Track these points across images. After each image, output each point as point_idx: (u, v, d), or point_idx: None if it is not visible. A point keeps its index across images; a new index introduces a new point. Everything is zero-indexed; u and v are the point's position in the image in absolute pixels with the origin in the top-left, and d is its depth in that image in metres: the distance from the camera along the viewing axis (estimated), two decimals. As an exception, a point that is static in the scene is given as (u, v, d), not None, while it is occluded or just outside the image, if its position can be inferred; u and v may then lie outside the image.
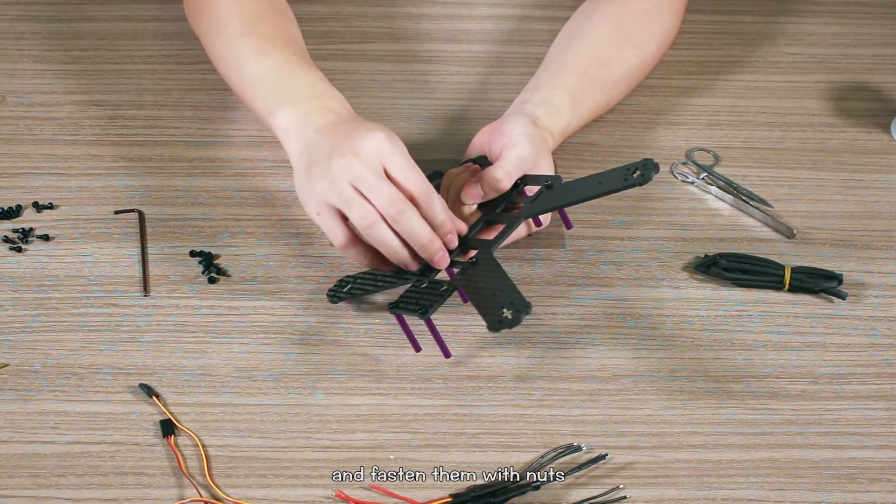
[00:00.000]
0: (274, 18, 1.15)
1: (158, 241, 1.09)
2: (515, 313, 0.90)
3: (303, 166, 1.01)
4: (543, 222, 1.06)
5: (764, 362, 1.01)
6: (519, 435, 0.96)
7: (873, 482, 0.94)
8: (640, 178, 0.95)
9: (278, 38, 1.12)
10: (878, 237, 1.12)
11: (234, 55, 1.13)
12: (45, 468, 0.92)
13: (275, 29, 1.13)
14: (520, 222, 1.01)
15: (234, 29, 1.13)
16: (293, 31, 1.16)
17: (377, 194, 0.95)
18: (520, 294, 0.92)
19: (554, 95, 1.11)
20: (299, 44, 1.14)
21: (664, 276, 1.08)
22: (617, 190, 0.96)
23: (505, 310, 0.91)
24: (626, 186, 0.96)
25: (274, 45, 1.11)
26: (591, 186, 0.99)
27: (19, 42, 1.29)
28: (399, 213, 0.95)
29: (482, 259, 0.98)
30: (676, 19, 1.23)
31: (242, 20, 1.13)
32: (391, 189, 0.95)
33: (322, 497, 0.92)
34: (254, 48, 1.11)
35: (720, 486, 0.93)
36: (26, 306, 1.03)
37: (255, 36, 1.12)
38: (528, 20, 1.34)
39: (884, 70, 1.31)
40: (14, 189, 1.13)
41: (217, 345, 1.01)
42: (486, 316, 0.92)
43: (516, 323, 0.90)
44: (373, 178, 0.95)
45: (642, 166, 0.95)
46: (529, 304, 0.91)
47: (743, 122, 1.23)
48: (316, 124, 1.02)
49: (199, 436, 0.95)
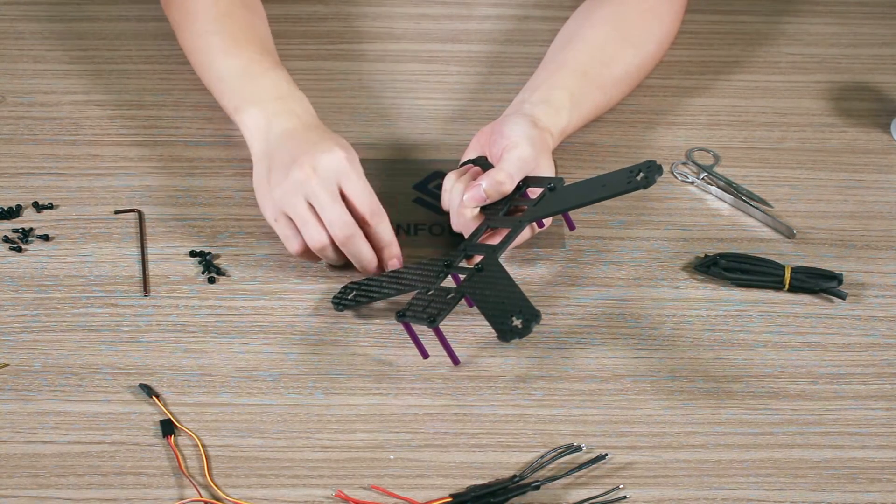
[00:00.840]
0: (243, 15, 1.16)
1: (158, 241, 1.09)
2: (525, 322, 0.91)
3: (262, 170, 1.04)
4: (546, 223, 1.06)
5: (764, 362, 1.01)
6: (519, 435, 0.96)
7: (873, 482, 0.94)
8: (643, 180, 0.95)
9: (246, 36, 1.14)
10: (878, 237, 1.12)
11: (202, 50, 1.15)
12: (45, 468, 0.92)
13: (243, 26, 1.15)
14: (524, 227, 1.01)
15: (202, 24, 1.15)
16: (262, 29, 1.17)
17: (329, 215, 1.00)
18: (528, 302, 0.92)
19: (553, 95, 1.11)
20: (267, 42, 1.16)
21: (664, 276, 1.08)
22: (621, 193, 0.97)
23: (514, 318, 0.91)
24: (629, 189, 0.96)
25: (241, 44, 1.13)
26: (594, 189, 0.99)
27: (19, 42, 1.29)
28: (347, 238, 1.01)
29: (488, 265, 0.98)
30: (676, 20, 1.23)
31: (211, 15, 1.15)
32: (343, 212, 1.00)
33: (322, 497, 0.91)
34: (221, 46, 1.13)
35: (720, 486, 0.93)
36: (26, 306, 1.03)
37: (223, 34, 1.14)
38: (528, 20, 1.34)
39: (884, 70, 1.31)
40: (14, 189, 1.13)
41: (217, 345, 1.01)
42: (496, 325, 0.92)
43: (527, 332, 0.91)
44: (327, 198, 1.00)
45: (645, 168, 0.95)
46: (539, 314, 0.91)
47: (743, 122, 1.23)
48: (279, 128, 1.06)
49: (199, 436, 0.95)
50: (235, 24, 1.15)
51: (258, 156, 1.06)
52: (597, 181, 1.00)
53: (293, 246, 1.03)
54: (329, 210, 1.00)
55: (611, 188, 0.97)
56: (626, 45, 1.18)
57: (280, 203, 1.02)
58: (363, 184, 1.02)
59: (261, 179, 1.04)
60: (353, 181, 1.01)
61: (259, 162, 1.05)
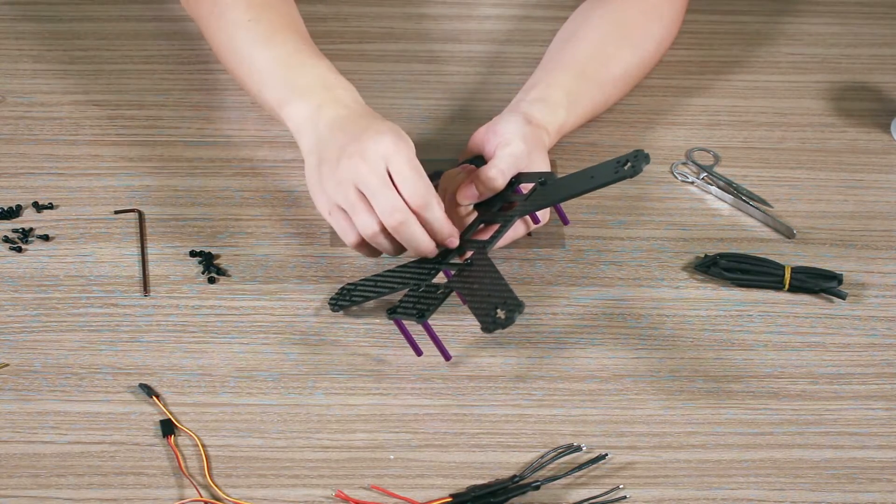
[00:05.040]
0: (280, 6, 1.13)
1: (158, 241, 1.09)
2: (508, 313, 0.90)
3: (313, 163, 1.01)
4: (542, 219, 1.05)
5: (764, 362, 1.01)
6: (519, 435, 0.96)
7: (873, 482, 0.94)
8: (630, 169, 0.95)
9: (284, 26, 1.11)
10: (878, 237, 1.12)
11: (239, 42, 1.11)
12: (45, 468, 0.92)
13: (282, 16, 1.12)
14: (514, 220, 1.01)
15: (239, 14, 1.12)
16: (298, 20, 1.14)
17: (379, 201, 0.96)
18: (512, 293, 0.92)
19: (549, 94, 1.11)
20: (305, 33, 1.13)
21: (664, 276, 1.08)
22: (609, 183, 0.96)
23: (498, 310, 0.91)
24: (617, 179, 0.95)
25: (282, 34, 1.10)
26: (583, 181, 0.99)
27: (19, 42, 1.29)
28: (398, 224, 0.96)
29: (477, 260, 0.98)
30: (677, 19, 1.23)
31: (248, 6, 1.12)
32: (393, 197, 0.96)
33: (322, 497, 0.92)
34: (261, 36, 1.10)
35: (720, 486, 0.93)
36: (26, 306, 1.03)
37: (260, 24, 1.10)
38: (529, 20, 1.34)
39: (884, 70, 1.31)
40: (14, 189, 1.13)
41: (217, 345, 1.01)
42: (480, 317, 0.92)
43: (509, 323, 0.90)
44: (376, 183, 0.96)
45: (633, 158, 0.95)
46: (522, 304, 0.91)
47: (743, 122, 1.23)
48: (327, 119, 1.02)
49: (199, 436, 0.95)
50: (272, 13, 1.11)
51: (307, 149, 1.03)
52: (585, 173, 1.00)
53: (349, 238, 1.00)
54: (378, 196, 0.96)
55: (599, 179, 0.97)
56: (624, 44, 1.18)
57: (332, 195, 0.99)
58: (409, 169, 0.97)
59: (312, 173, 1.01)
60: (400, 165, 0.97)
61: (309, 155, 1.02)
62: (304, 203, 1.12)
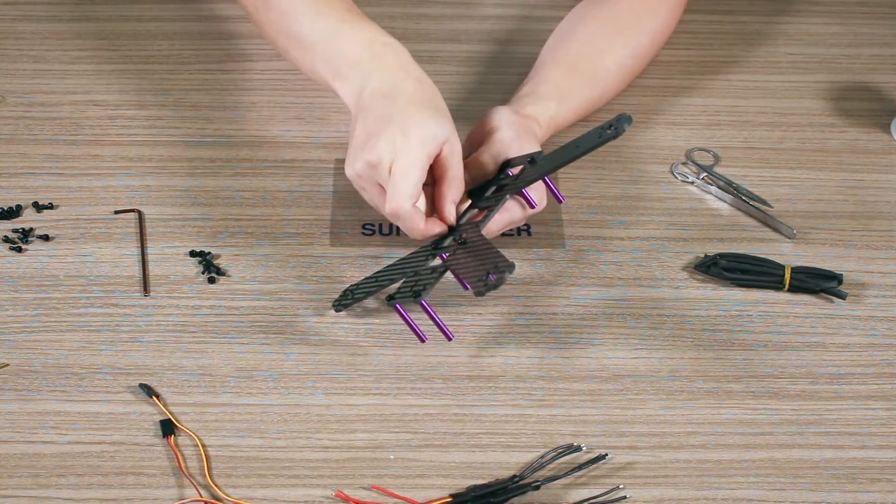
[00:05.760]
0: None
1: (158, 241, 1.09)
2: (499, 274, 0.93)
3: (354, 133, 1.03)
4: (538, 203, 1.04)
5: (764, 362, 1.01)
6: (519, 435, 0.96)
7: (873, 482, 0.94)
8: (613, 132, 0.96)
9: None
10: (878, 237, 1.12)
11: (287, 14, 1.11)
12: (45, 468, 0.92)
13: None
14: (506, 198, 1.02)
15: None
16: None
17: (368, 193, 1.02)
18: (503, 256, 0.94)
19: (538, 88, 1.13)
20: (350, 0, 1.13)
21: (664, 276, 1.08)
22: (595, 147, 0.98)
23: (490, 274, 0.93)
24: (602, 142, 0.97)
25: (327, 3, 1.10)
26: (569, 151, 1.01)
27: (19, 42, 1.29)
28: (388, 214, 0.99)
29: (470, 238, 0.99)
30: (672, 13, 1.23)
31: None
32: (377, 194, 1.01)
33: (322, 497, 0.91)
34: (306, 8, 1.10)
35: (720, 486, 0.93)
36: (26, 306, 1.03)
37: None
38: (529, 20, 1.34)
39: (884, 70, 1.31)
40: (14, 189, 1.13)
41: (217, 345, 1.01)
42: (472, 283, 0.94)
43: (500, 283, 0.93)
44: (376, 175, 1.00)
45: (615, 121, 0.96)
46: (512, 265, 0.93)
47: (743, 122, 1.23)
48: (371, 88, 1.03)
49: (199, 436, 0.95)
50: None
51: (353, 115, 1.04)
52: (571, 144, 1.01)
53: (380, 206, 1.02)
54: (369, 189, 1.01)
55: (585, 145, 0.99)
56: (617, 38, 1.19)
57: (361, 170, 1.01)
58: (398, 174, 0.99)
59: (351, 143, 1.03)
60: (395, 166, 0.99)
61: (352, 124, 1.04)
62: (304, 203, 1.12)
